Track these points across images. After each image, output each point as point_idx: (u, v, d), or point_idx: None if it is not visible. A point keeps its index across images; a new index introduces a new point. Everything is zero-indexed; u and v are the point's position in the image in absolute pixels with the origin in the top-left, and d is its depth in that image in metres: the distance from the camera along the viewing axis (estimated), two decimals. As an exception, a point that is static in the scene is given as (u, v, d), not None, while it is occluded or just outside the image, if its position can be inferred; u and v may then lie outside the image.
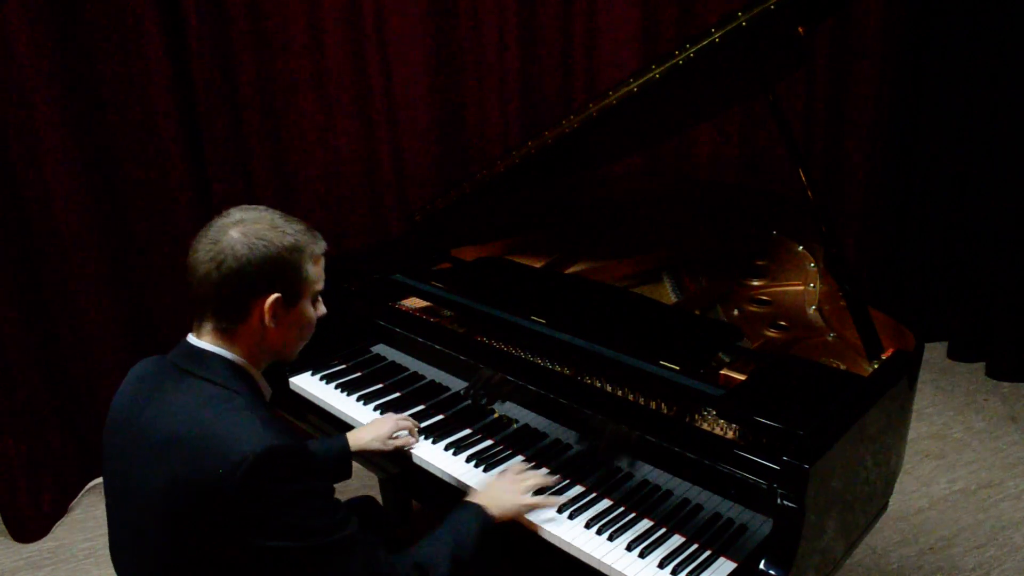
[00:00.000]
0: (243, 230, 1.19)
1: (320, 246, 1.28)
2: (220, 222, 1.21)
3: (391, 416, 1.76)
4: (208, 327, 1.23)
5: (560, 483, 1.55)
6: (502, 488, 1.46)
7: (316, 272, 1.27)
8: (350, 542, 1.17)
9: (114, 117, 2.52)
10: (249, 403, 1.17)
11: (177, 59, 2.53)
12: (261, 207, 1.26)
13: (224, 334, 1.22)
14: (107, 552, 1.31)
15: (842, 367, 1.64)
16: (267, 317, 1.21)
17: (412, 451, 1.71)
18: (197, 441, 1.11)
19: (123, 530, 1.25)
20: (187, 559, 1.14)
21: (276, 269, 1.20)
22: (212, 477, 1.08)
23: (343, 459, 1.69)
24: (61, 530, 2.68)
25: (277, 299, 1.21)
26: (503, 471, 1.55)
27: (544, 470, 1.57)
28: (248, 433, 1.10)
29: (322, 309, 1.33)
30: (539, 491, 1.52)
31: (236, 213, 1.23)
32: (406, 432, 1.74)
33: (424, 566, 1.27)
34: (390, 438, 1.71)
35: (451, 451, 1.69)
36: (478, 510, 1.40)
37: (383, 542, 1.29)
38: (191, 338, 1.24)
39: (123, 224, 2.62)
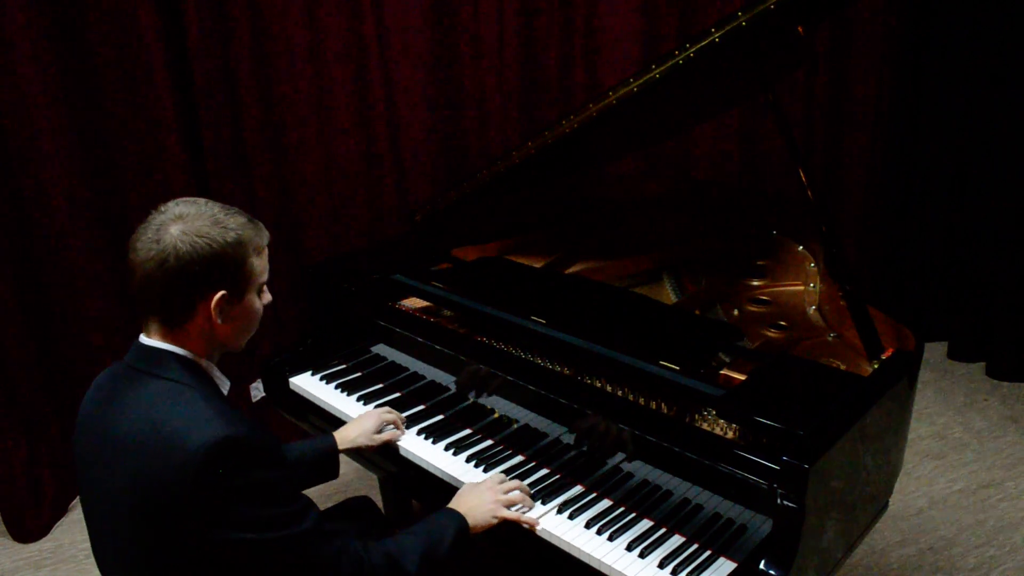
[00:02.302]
0: (184, 227, 1.16)
1: (263, 237, 1.27)
2: (159, 218, 1.19)
3: (375, 411, 1.78)
4: (155, 326, 1.22)
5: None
6: (479, 499, 1.46)
7: (260, 264, 1.26)
8: (313, 534, 1.17)
9: (114, 118, 2.52)
10: (203, 395, 1.16)
11: (177, 59, 2.53)
12: (201, 200, 1.24)
13: (171, 331, 1.21)
14: (107, 552, 1.31)
15: (842, 367, 1.64)
16: (214, 315, 1.19)
17: (411, 450, 1.72)
18: (152, 438, 1.11)
19: (100, 533, 1.26)
20: (160, 556, 1.15)
21: (220, 267, 1.18)
22: (169, 472, 1.08)
23: (329, 457, 1.69)
24: (61, 530, 2.68)
25: (223, 296, 1.19)
26: (481, 481, 1.54)
27: (519, 482, 1.54)
28: (201, 425, 1.10)
29: (267, 297, 1.31)
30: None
31: (175, 208, 1.20)
32: (393, 427, 1.76)
33: (394, 556, 1.29)
34: (377, 433, 1.73)
35: (451, 451, 1.69)
36: (456, 516, 1.42)
37: (354, 532, 1.30)
38: (142, 338, 1.23)
39: (124, 225, 2.62)
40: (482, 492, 1.48)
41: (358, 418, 1.77)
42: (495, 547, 1.50)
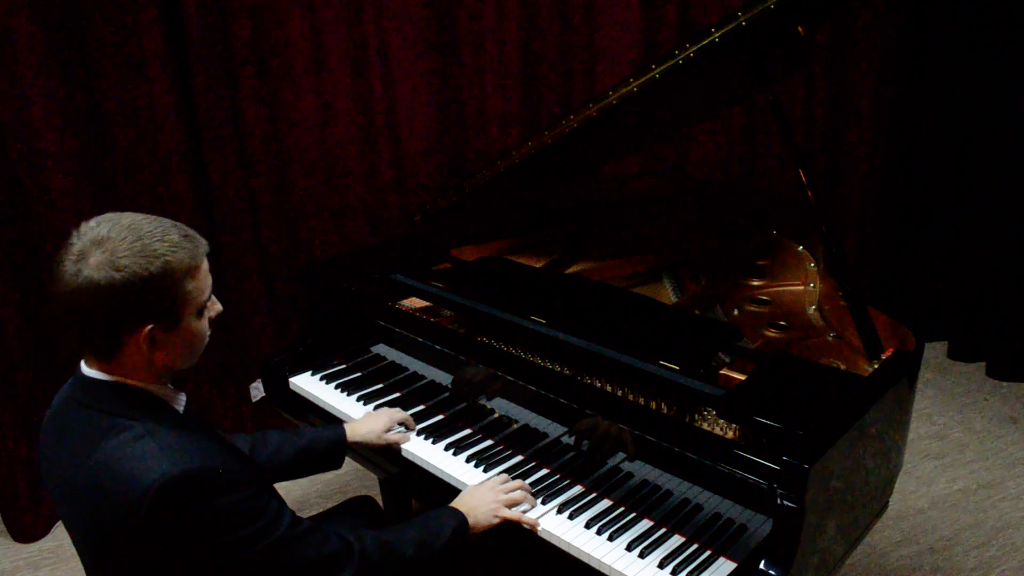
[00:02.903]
0: (101, 258, 1.06)
1: (198, 254, 1.15)
2: (80, 244, 1.07)
3: (386, 411, 1.78)
4: (89, 356, 1.15)
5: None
6: (481, 499, 1.47)
7: (196, 285, 1.14)
8: (289, 540, 1.15)
9: (115, 120, 2.52)
10: (147, 428, 1.10)
11: (177, 59, 2.53)
12: (126, 217, 1.12)
13: (106, 363, 1.14)
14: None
15: (842, 367, 1.64)
16: (144, 348, 1.11)
17: (411, 450, 1.72)
18: (97, 481, 1.08)
19: (80, 555, 1.27)
20: None
21: (144, 300, 1.08)
22: (119, 515, 1.05)
23: (336, 449, 1.70)
24: (61, 530, 2.68)
25: (151, 330, 1.10)
26: (484, 482, 1.54)
27: (521, 482, 1.55)
28: (144, 465, 1.05)
29: (215, 309, 1.22)
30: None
31: (95, 228, 1.09)
32: (402, 428, 1.76)
33: (389, 543, 1.29)
34: (385, 432, 1.73)
35: (451, 451, 1.69)
36: (456, 514, 1.42)
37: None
38: (83, 367, 1.17)
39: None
40: (484, 492, 1.48)
41: (369, 415, 1.78)
42: (495, 546, 1.50)
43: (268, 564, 1.14)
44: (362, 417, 1.78)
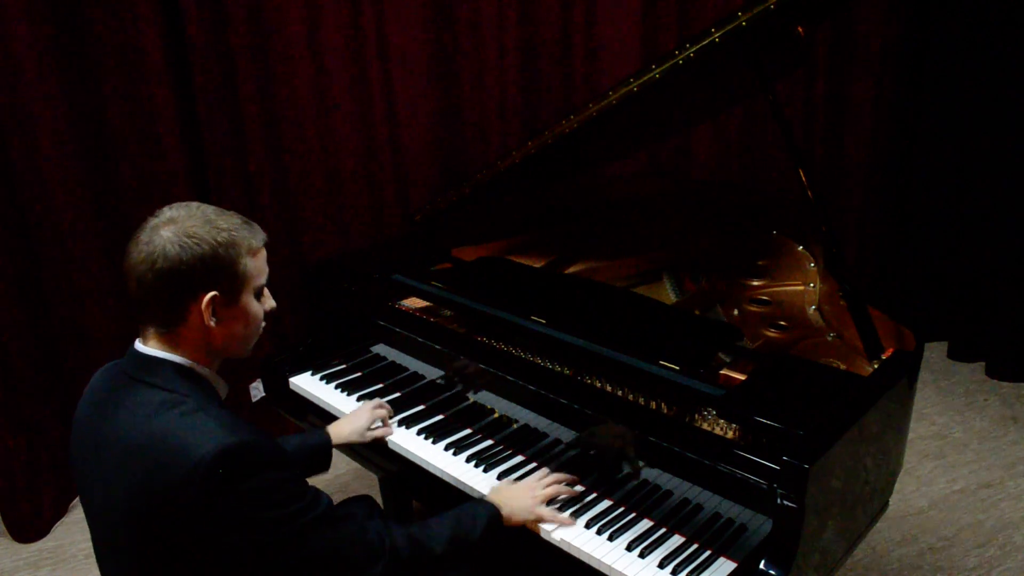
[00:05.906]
0: (174, 229, 1.16)
1: (258, 238, 1.25)
2: (152, 223, 1.18)
3: (366, 406, 1.80)
4: (151, 331, 1.21)
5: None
6: (519, 493, 1.47)
7: (255, 266, 1.24)
8: (327, 518, 1.17)
9: (114, 119, 2.52)
10: (200, 404, 1.15)
11: (177, 60, 2.53)
12: (195, 203, 1.23)
13: (168, 337, 1.20)
14: (107, 552, 1.31)
15: (842, 367, 1.64)
16: (206, 316, 1.18)
17: (411, 449, 1.72)
18: (151, 450, 1.10)
19: (99, 537, 1.26)
20: (163, 564, 1.14)
21: (210, 267, 1.17)
22: (171, 484, 1.07)
23: (322, 452, 1.71)
24: (61, 530, 2.68)
25: (214, 297, 1.18)
26: (520, 477, 1.54)
27: (560, 476, 1.54)
28: (200, 435, 1.09)
29: (270, 303, 1.30)
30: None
31: (168, 212, 1.20)
32: (383, 424, 1.78)
33: (418, 539, 1.29)
34: (369, 429, 1.75)
35: (451, 451, 1.69)
36: (490, 507, 1.42)
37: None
38: (138, 344, 1.22)
39: (123, 225, 2.62)
40: (522, 488, 1.48)
41: (351, 414, 1.79)
42: (500, 545, 1.50)
43: (306, 544, 1.15)
44: (344, 417, 1.80)
